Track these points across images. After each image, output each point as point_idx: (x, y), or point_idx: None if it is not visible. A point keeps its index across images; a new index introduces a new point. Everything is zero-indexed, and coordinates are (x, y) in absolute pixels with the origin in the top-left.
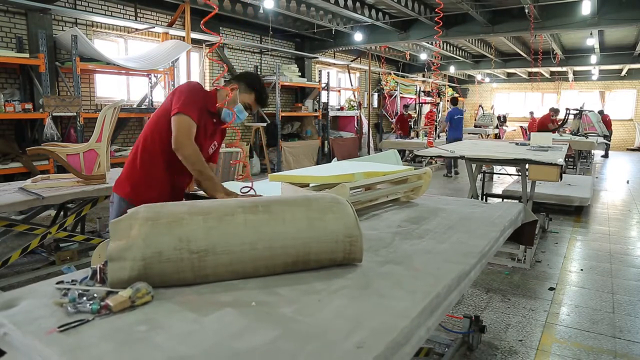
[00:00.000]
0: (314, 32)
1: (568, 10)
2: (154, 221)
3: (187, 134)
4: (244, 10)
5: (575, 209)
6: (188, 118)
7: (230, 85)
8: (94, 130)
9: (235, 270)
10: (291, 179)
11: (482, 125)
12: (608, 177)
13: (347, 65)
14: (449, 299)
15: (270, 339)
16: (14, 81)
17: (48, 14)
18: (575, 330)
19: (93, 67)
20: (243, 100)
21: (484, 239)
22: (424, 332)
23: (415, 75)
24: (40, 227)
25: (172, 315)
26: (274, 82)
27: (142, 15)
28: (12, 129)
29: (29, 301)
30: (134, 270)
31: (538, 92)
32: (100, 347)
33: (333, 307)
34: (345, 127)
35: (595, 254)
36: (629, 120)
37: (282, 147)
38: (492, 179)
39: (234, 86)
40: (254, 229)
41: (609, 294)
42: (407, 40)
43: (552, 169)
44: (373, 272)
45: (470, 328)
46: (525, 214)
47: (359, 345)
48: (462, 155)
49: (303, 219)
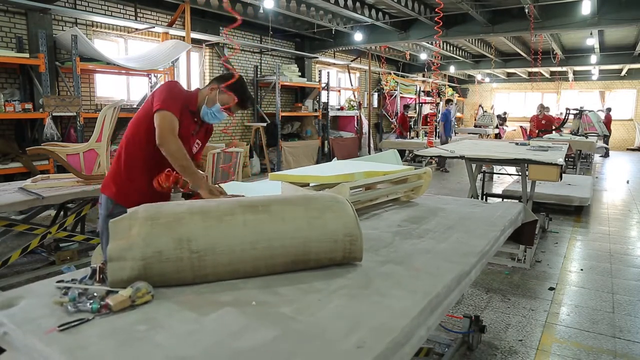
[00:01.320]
0: (314, 32)
1: (568, 10)
2: (153, 221)
3: (170, 130)
4: (244, 10)
5: (575, 209)
6: (170, 114)
7: (211, 85)
8: (94, 130)
9: (234, 269)
10: (291, 179)
11: (482, 125)
12: (608, 177)
13: (347, 65)
14: (449, 299)
15: (270, 339)
16: (14, 81)
17: (48, 14)
18: (575, 330)
19: (93, 67)
20: (222, 101)
21: (483, 239)
22: (424, 331)
23: (415, 75)
24: (40, 227)
25: (172, 314)
26: (274, 82)
27: (142, 15)
28: (12, 129)
29: (28, 300)
30: (134, 270)
31: (538, 92)
32: (100, 346)
33: (333, 306)
34: (345, 127)
35: (595, 254)
36: (629, 120)
37: (282, 147)
38: (492, 179)
39: (214, 86)
40: (253, 228)
41: (609, 294)
42: (407, 40)
43: (552, 169)
44: (373, 272)
45: (470, 328)
46: (525, 213)
47: (359, 344)
48: (462, 155)
49: (302, 218)
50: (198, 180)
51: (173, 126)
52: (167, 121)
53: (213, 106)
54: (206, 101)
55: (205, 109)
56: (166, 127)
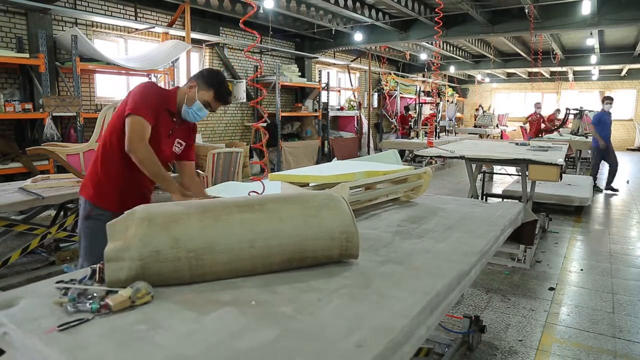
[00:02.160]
0: (314, 32)
1: (568, 10)
2: (150, 221)
3: (139, 136)
4: (244, 10)
5: (575, 209)
6: (140, 119)
7: (189, 83)
8: (94, 130)
9: (232, 268)
10: (291, 179)
11: (482, 125)
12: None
13: (347, 65)
14: (449, 298)
15: (270, 338)
16: (14, 81)
17: (48, 14)
18: (575, 330)
19: (93, 67)
20: (202, 98)
21: (483, 239)
22: (423, 331)
23: (415, 75)
24: (40, 227)
25: (171, 314)
26: (274, 82)
27: (142, 15)
28: (12, 129)
29: (28, 300)
30: (132, 270)
31: (538, 92)
32: (99, 346)
33: (333, 306)
34: (345, 127)
35: (595, 254)
36: (629, 120)
37: (282, 147)
38: (492, 179)
39: (192, 84)
40: (250, 227)
41: (609, 294)
42: (407, 40)
43: (552, 169)
44: (373, 272)
45: (470, 328)
46: (525, 213)
47: (358, 344)
48: (462, 155)
49: (299, 217)
50: (170, 185)
51: (143, 132)
52: (137, 127)
53: (193, 104)
54: (186, 100)
55: (186, 108)
56: (135, 133)
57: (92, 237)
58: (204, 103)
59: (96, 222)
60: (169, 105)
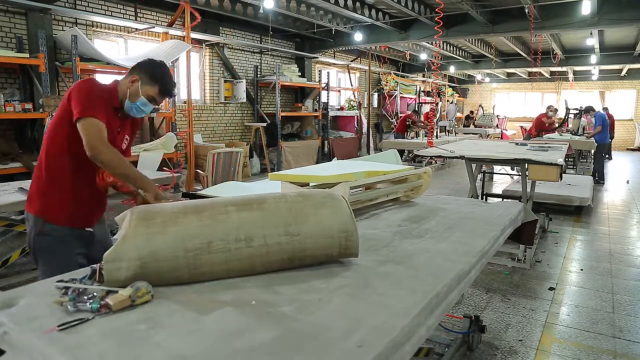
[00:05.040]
0: (314, 32)
1: (568, 10)
2: (148, 221)
3: (99, 138)
4: (244, 10)
5: (575, 209)
6: (95, 120)
7: (130, 77)
8: None
9: (231, 268)
10: (291, 178)
11: (482, 125)
12: (608, 177)
13: (347, 65)
14: (449, 298)
15: (270, 338)
16: (14, 81)
17: (48, 14)
18: (575, 330)
19: (93, 67)
20: (146, 92)
21: (483, 238)
22: (424, 331)
23: (415, 75)
24: None
25: (172, 314)
26: (274, 82)
27: (142, 15)
28: (12, 129)
29: (28, 300)
30: (130, 270)
31: (538, 92)
32: (100, 345)
33: (333, 306)
34: (345, 127)
35: (595, 254)
36: (629, 120)
37: (282, 147)
38: (492, 179)
39: (135, 78)
40: (248, 226)
41: (609, 294)
42: (407, 40)
43: (552, 169)
44: (373, 272)
45: (470, 328)
46: (525, 213)
47: (359, 344)
48: (462, 155)
49: (298, 215)
50: (146, 185)
51: (100, 134)
52: (93, 129)
53: (137, 100)
54: (128, 95)
55: (129, 103)
56: (94, 136)
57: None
58: (149, 98)
59: (49, 240)
60: (113, 101)
